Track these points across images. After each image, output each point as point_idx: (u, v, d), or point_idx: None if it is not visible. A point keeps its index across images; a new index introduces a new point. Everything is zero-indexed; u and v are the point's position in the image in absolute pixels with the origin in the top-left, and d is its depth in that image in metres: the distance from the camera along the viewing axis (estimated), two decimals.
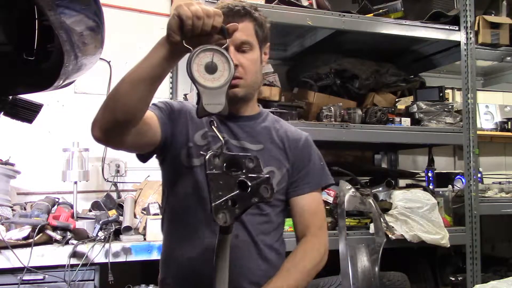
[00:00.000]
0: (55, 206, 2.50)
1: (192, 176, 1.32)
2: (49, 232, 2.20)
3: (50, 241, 2.21)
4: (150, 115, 1.26)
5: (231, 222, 0.89)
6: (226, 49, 1.00)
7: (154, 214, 2.44)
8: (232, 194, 0.89)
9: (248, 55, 1.32)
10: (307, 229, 1.39)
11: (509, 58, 3.11)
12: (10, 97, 1.09)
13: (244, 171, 0.93)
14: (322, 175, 1.45)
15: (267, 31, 1.41)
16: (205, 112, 0.93)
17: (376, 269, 2.41)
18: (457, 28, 2.85)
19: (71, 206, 2.52)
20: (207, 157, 0.91)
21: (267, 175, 0.95)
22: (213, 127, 1.01)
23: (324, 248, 1.39)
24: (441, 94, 2.98)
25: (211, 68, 0.94)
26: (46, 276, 2.13)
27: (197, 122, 1.36)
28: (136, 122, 1.13)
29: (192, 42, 0.98)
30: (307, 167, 1.42)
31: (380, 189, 2.84)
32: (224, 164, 0.92)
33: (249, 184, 0.91)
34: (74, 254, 2.17)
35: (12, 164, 2.60)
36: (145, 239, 2.36)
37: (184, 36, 0.98)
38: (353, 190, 2.57)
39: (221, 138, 0.98)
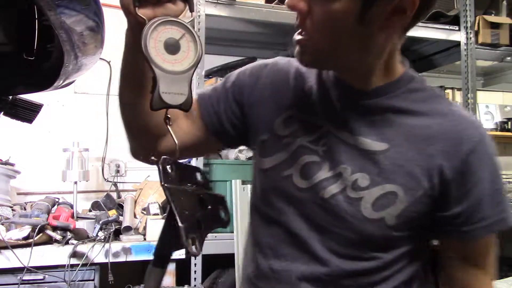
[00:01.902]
0: (55, 206, 2.50)
1: (265, 182, 0.92)
2: (49, 232, 2.20)
3: (50, 241, 2.21)
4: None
5: (200, 250, 0.66)
6: (192, 25, 0.74)
7: (154, 214, 2.44)
8: (198, 213, 0.68)
9: (326, 5, 0.75)
10: None
11: (509, 58, 3.12)
12: (10, 97, 1.09)
13: (195, 185, 0.72)
14: (500, 209, 0.83)
15: None
16: (162, 104, 0.70)
17: None
18: (457, 28, 2.85)
19: (71, 206, 2.51)
20: (160, 164, 0.69)
21: (221, 195, 0.73)
22: (168, 127, 0.73)
23: None
24: None
25: (172, 47, 0.71)
26: (46, 276, 2.13)
27: (282, 99, 0.91)
28: (151, 130, 0.88)
29: (149, 12, 0.71)
30: (476, 192, 0.81)
31: None
32: (178, 175, 0.70)
33: (208, 203, 0.71)
34: (74, 254, 2.17)
35: (12, 164, 2.60)
36: (145, 239, 2.36)
37: (138, 2, 0.71)
38: None
39: (175, 141, 0.72)
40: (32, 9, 0.97)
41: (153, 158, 0.69)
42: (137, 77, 0.81)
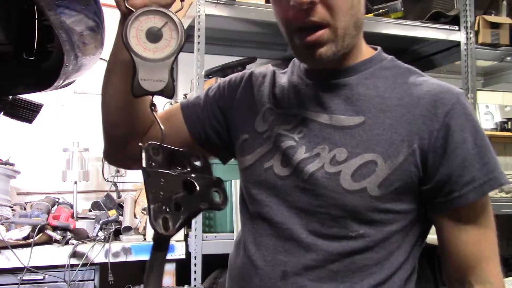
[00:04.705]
0: (55, 206, 2.50)
1: (247, 179, 0.93)
2: (49, 232, 2.20)
3: (50, 241, 2.21)
4: (173, 111, 1.00)
5: (174, 231, 0.66)
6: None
7: None
8: (177, 195, 0.68)
9: None
10: (470, 272, 0.84)
11: (509, 58, 3.11)
12: (10, 97, 1.09)
13: (189, 169, 0.74)
14: (489, 169, 0.80)
15: None
16: (142, 91, 0.73)
17: None
18: (457, 28, 2.85)
19: (71, 206, 2.52)
20: (143, 148, 0.70)
21: (218, 177, 0.73)
22: (153, 113, 0.75)
23: None
24: None
25: (154, 35, 0.73)
26: (46, 276, 2.13)
27: (260, 100, 0.95)
28: (132, 135, 0.90)
29: (139, 2, 0.75)
30: (460, 153, 0.78)
31: None
32: (166, 160, 0.72)
33: (197, 185, 0.71)
34: (74, 254, 2.17)
35: (12, 164, 2.60)
36: (145, 239, 2.36)
37: None
38: None
39: (161, 127, 0.73)
40: (32, 9, 0.97)
41: (140, 144, 0.70)
42: (124, 65, 0.82)
